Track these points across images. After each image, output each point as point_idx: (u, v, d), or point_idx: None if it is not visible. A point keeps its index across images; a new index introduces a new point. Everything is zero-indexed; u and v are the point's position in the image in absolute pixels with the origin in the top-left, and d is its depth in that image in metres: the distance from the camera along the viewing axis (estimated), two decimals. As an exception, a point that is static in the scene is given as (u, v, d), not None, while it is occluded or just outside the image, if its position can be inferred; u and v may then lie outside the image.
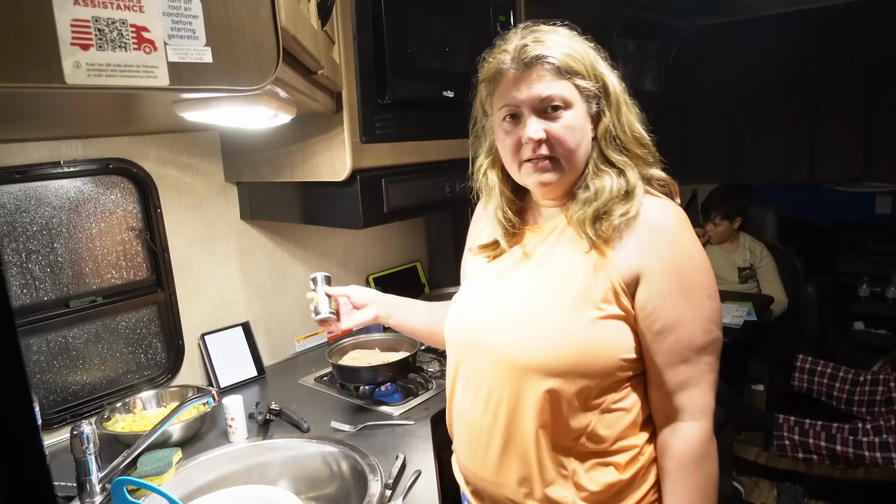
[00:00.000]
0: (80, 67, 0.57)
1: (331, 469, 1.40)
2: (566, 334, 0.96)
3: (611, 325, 0.96)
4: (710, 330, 0.97)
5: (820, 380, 2.75)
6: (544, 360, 0.96)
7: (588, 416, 0.98)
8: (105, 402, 1.59)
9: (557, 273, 1.00)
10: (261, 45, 0.71)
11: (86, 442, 1.23)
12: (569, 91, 0.97)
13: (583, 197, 1.00)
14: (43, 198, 1.52)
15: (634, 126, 1.01)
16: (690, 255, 0.97)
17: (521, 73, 0.97)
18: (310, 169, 1.55)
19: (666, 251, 0.95)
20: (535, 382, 0.97)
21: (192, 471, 1.37)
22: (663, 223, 0.96)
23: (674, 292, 0.94)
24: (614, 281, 0.95)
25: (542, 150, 0.97)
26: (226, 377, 1.80)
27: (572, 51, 0.97)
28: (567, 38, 0.99)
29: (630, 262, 0.95)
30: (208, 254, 1.82)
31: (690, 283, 0.96)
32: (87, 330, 1.60)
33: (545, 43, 0.96)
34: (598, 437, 0.99)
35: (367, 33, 1.46)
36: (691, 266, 0.96)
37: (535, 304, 1.00)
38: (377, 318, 1.27)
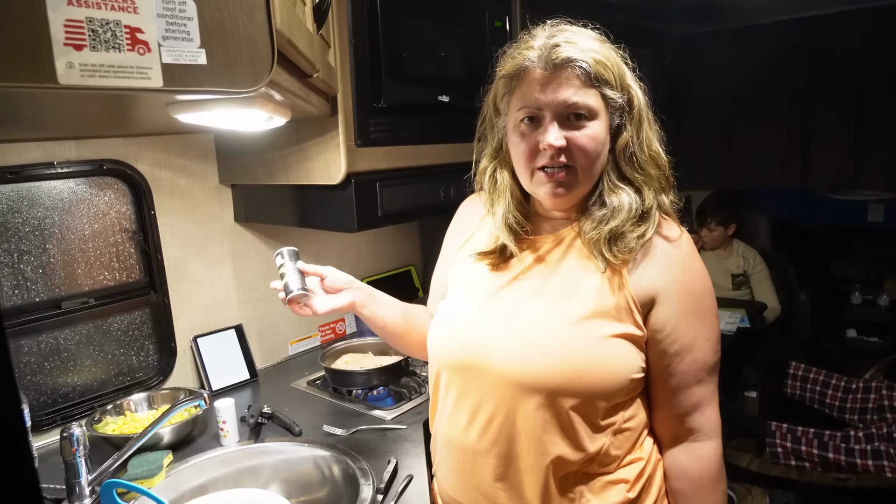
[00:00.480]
0: (73, 68, 0.56)
1: (322, 473, 1.39)
2: (578, 354, 0.90)
3: (621, 344, 0.93)
4: (718, 350, 0.99)
5: (812, 387, 2.76)
6: (556, 381, 0.90)
7: (601, 437, 0.94)
8: (96, 405, 1.58)
9: (568, 289, 0.95)
10: (255, 47, 0.71)
11: (76, 444, 1.22)
12: (596, 100, 0.92)
13: (598, 214, 0.95)
14: (36, 198, 1.51)
15: (653, 144, 0.98)
16: (702, 277, 0.98)
17: (548, 75, 0.91)
18: (304, 172, 1.55)
19: (680, 273, 0.95)
20: (545, 405, 0.91)
21: (182, 474, 1.36)
22: (679, 245, 0.97)
23: (690, 314, 0.95)
24: (629, 300, 0.93)
25: (560, 158, 0.91)
26: (218, 380, 1.79)
27: (605, 58, 0.92)
28: (599, 44, 0.94)
29: (645, 284, 0.94)
30: (202, 256, 1.82)
31: (703, 304, 0.97)
32: (79, 331, 1.59)
33: (577, 45, 0.90)
34: (610, 458, 0.96)
35: (363, 37, 1.47)
36: (703, 288, 0.97)
37: (543, 321, 0.94)
38: (353, 304, 1.12)
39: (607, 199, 0.95)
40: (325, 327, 2.17)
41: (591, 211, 0.97)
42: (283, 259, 1.11)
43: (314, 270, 1.12)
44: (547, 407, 0.91)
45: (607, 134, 0.95)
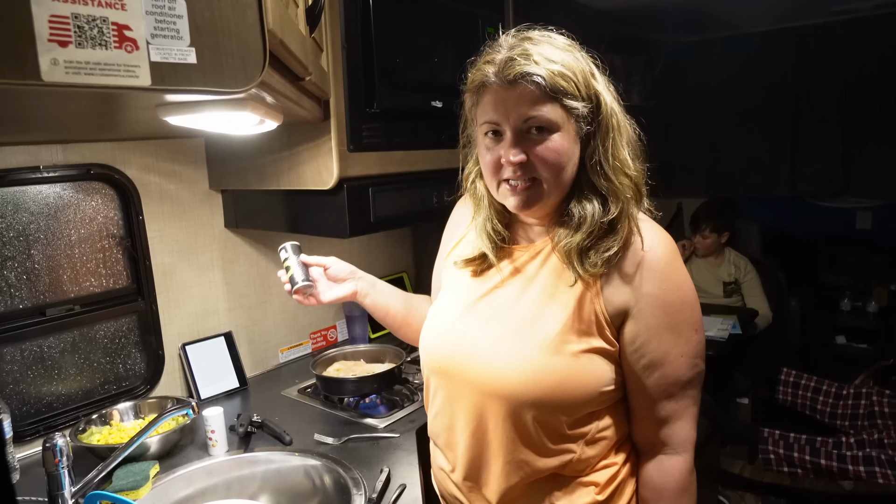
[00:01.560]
0: (57, 65, 0.55)
1: (313, 483, 1.37)
2: (547, 365, 0.92)
3: (592, 358, 0.93)
4: (696, 364, 0.95)
5: (804, 393, 2.76)
6: (524, 389, 0.92)
7: (571, 447, 0.96)
8: (81, 414, 1.54)
9: (543, 300, 0.96)
10: (247, 47, 0.70)
11: (59, 455, 1.18)
12: (555, 113, 0.89)
13: (570, 223, 0.95)
14: (21, 203, 1.48)
15: (620, 153, 0.94)
16: (679, 290, 0.94)
17: (504, 91, 0.90)
18: (296, 177, 1.53)
19: (655, 287, 0.92)
20: (511, 415, 0.93)
21: (169, 485, 1.33)
22: (654, 257, 0.92)
23: (662, 329, 0.92)
24: (600, 314, 0.93)
25: (522, 172, 0.91)
26: (207, 388, 1.76)
27: (564, 66, 0.89)
28: (560, 51, 0.91)
29: (618, 298, 0.93)
30: (191, 262, 1.79)
31: (679, 318, 0.93)
32: (64, 339, 1.56)
33: (532, 57, 0.88)
34: (582, 464, 0.98)
35: (356, 42, 1.46)
36: (680, 301, 0.93)
37: (518, 330, 0.96)
38: (356, 293, 1.19)
39: (574, 210, 0.94)
40: (317, 334, 2.15)
41: (563, 221, 0.97)
42: (287, 253, 1.18)
43: (317, 262, 1.19)
44: (514, 417, 0.94)
45: (574, 143, 0.92)
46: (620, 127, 0.94)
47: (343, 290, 1.18)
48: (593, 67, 0.94)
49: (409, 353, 1.83)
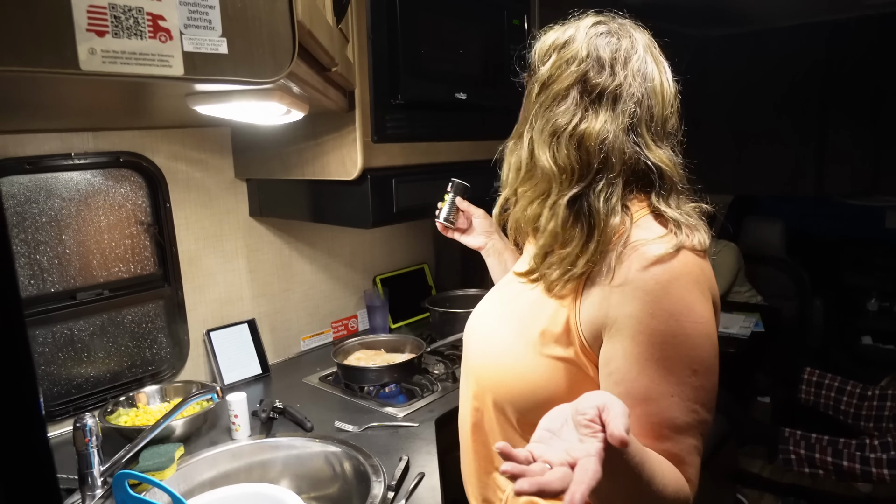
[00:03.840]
0: (95, 54, 0.56)
1: (333, 469, 1.39)
2: (514, 364, 0.90)
3: (562, 368, 0.86)
4: (694, 410, 0.79)
5: (827, 393, 2.72)
6: (494, 384, 0.93)
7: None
8: (109, 396, 1.58)
9: (532, 299, 0.92)
10: (277, 37, 0.71)
11: (88, 435, 1.22)
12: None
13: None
14: (53, 189, 1.52)
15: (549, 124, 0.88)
16: (673, 320, 0.77)
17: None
18: (320, 167, 1.55)
19: (640, 309, 0.78)
20: (488, 403, 0.96)
21: (194, 467, 1.36)
22: (645, 275, 0.78)
23: (645, 360, 0.78)
24: (573, 326, 0.85)
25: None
26: (230, 374, 1.80)
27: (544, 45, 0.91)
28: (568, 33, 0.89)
29: (595, 313, 0.82)
30: (216, 250, 1.82)
31: (669, 353, 0.77)
32: (93, 323, 1.60)
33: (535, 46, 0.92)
34: None
35: (382, 33, 1.46)
36: (672, 333, 0.77)
37: (503, 322, 0.96)
38: (483, 248, 1.32)
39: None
40: (338, 324, 2.17)
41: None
42: (450, 188, 1.33)
43: (466, 208, 1.33)
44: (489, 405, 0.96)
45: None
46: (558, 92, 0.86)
47: (474, 241, 1.32)
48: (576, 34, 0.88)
49: (429, 343, 1.85)
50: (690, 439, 0.79)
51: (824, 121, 3.32)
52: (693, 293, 0.78)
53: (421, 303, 2.23)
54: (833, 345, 3.56)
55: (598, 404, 0.62)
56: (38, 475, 0.39)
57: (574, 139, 0.83)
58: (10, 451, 0.37)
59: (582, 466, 0.58)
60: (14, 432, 0.37)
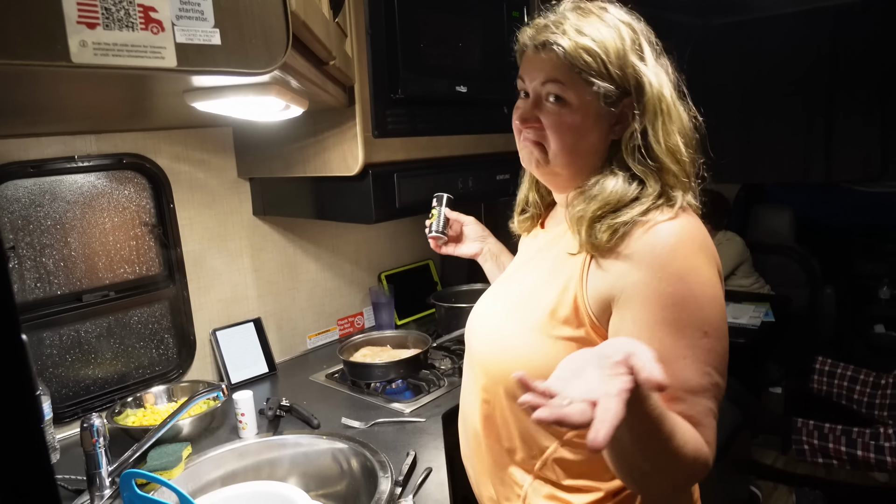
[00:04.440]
0: (86, 46, 0.56)
1: (341, 466, 1.39)
2: (525, 351, 0.90)
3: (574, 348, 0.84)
4: (707, 373, 0.79)
5: (840, 382, 2.70)
6: (505, 374, 0.89)
7: (548, 442, 0.92)
8: (116, 397, 1.59)
9: (544, 279, 0.93)
10: (270, 28, 0.70)
11: (96, 435, 1.22)
12: (574, 87, 0.86)
13: (586, 194, 0.90)
14: (57, 192, 1.52)
15: (672, 138, 0.87)
16: (682, 283, 0.79)
17: (532, 55, 0.90)
18: (321, 164, 1.54)
19: (648, 274, 0.79)
20: (493, 397, 0.95)
21: (201, 466, 1.36)
22: (653, 239, 0.80)
23: (655, 324, 0.79)
24: (581, 303, 0.85)
25: (531, 134, 0.92)
26: (237, 373, 1.80)
27: (595, 43, 0.84)
28: (603, 26, 0.86)
29: (602, 284, 0.84)
30: (220, 250, 1.82)
31: (679, 315, 0.78)
32: (100, 324, 1.61)
33: (564, 27, 0.86)
34: (556, 468, 0.92)
35: (380, 27, 1.45)
36: (681, 295, 0.78)
37: (507, 313, 0.96)
38: (479, 254, 1.30)
39: (594, 182, 0.90)
40: (344, 321, 2.17)
41: (581, 190, 0.91)
42: (437, 203, 1.33)
43: (456, 217, 1.31)
44: (501, 397, 0.94)
45: (597, 122, 0.88)
46: (671, 112, 0.89)
47: (468, 249, 1.30)
48: (643, 48, 0.89)
49: (435, 339, 1.84)
50: (705, 401, 0.79)
51: (832, 108, 3.29)
52: (699, 257, 0.81)
53: (426, 299, 2.22)
54: (845, 333, 3.53)
55: (625, 349, 0.61)
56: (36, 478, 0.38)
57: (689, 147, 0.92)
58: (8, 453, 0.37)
59: (604, 405, 0.57)
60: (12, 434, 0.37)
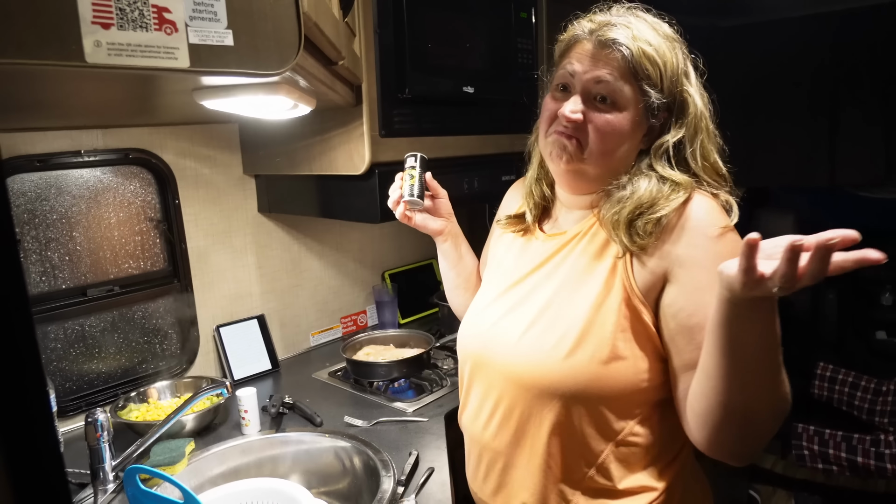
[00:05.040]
0: (100, 46, 0.56)
1: (343, 464, 1.39)
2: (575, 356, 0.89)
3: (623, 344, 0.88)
4: None
5: (841, 388, 2.70)
6: (552, 379, 0.89)
7: (602, 445, 0.91)
8: (120, 391, 1.59)
9: (572, 285, 0.93)
10: (282, 30, 0.71)
11: (100, 430, 1.23)
12: (628, 90, 0.90)
13: (618, 195, 0.91)
14: (63, 186, 1.52)
15: (711, 156, 0.95)
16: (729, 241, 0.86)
17: (592, 50, 0.91)
18: (328, 162, 1.55)
19: (703, 252, 0.85)
20: (546, 403, 0.91)
21: (204, 462, 1.36)
22: (693, 213, 0.86)
23: (705, 290, 0.82)
24: (631, 291, 0.88)
25: (571, 129, 0.92)
26: (240, 369, 1.80)
27: (655, 53, 0.89)
28: (660, 38, 0.91)
29: (652, 264, 0.87)
30: (225, 246, 1.82)
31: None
32: (104, 319, 1.61)
33: (631, 31, 0.89)
34: (609, 473, 0.92)
35: (388, 27, 1.45)
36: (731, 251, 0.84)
37: (544, 317, 0.94)
38: (442, 233, 1.23)
39: (628, 183, 0.92)
40: (347, 319, 2.17)
41: (611, 193, 0.93)
42: (415, 163, 1.17)
43: (435, 188, 1.21)
44: (548, 406, 0.91)
45: (637, 129, 0.92)
46: (709, 130, 0.96)
47: (435, 225, 1.22)
48: (689, 67, 0.95)
49: (437, 338, 1.84)
50: None
51: (836, 112, 3.28)
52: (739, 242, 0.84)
53: (429, 298, 2.22)
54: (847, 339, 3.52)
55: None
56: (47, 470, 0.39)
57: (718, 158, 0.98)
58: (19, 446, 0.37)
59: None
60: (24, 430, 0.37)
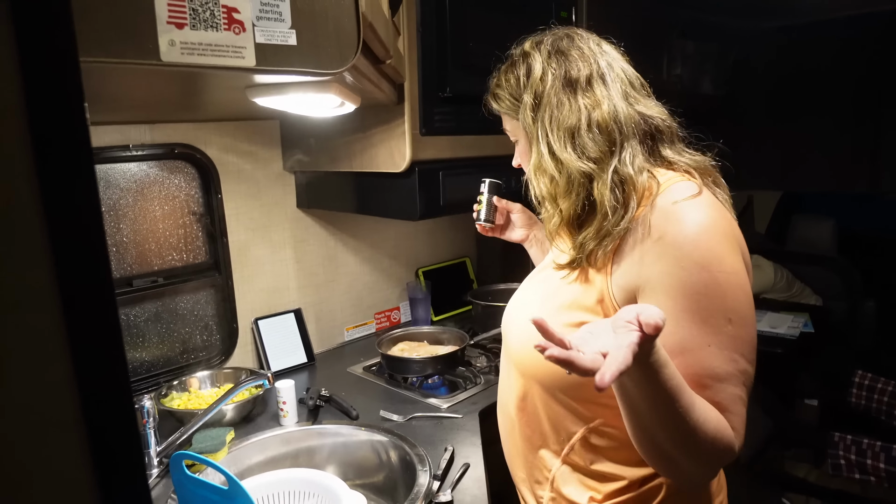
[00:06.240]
0: (174, 45, 0.58)
1: (379, 457, 1.41)
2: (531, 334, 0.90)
3: None
4: (734, 360, 0.80)
5: (880, 398, 2.63)
6: (536, 369, 0.95)
7: (575, 427, 0.95)
8: (162, 380, 1.63)
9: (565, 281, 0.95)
10: (342, 29, 0.72)
11: (146, 416, 1.27)
12: (510, 123, 1.04)
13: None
14: (111, 179, 1.57)
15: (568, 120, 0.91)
16: (705, 272, 0.79)
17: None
18: (368, 159, 1.56)
19: (671, 265, 0.80)
20: (523, 381, 1.00)
21: (244, 451, 1.40)
22: (673, 230, 0.81)
23: (679, 312, 0.79)
24: (606, 296, 0.87)
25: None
26: (277, 362, 1.83)
27: (499, 84, 1.03)
28: (508, 68, 1.03)
29: (626, 277, 0.85)
30: (264, 240, 1.86)
31: (703, 304, 0.79)
32: (148, 309, 1.66)
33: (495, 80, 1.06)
34: (584, 453, 0.95)
35: (431, 25, 1.47)
36: (704, 284, 0.79)
37: (539, 305, 0.99)
38: (525, 240, 1.35)
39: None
40: (381, 315, 2.19)
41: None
42: (484, 189, 1.35)
43: (504, 205, 1.35)
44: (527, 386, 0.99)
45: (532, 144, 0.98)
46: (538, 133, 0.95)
47: (515, 235, 1.36)
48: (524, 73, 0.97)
49: (471, 336, 1.85)
50: (732, 388, 0.80)
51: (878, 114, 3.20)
52: (722, 245, 0.81)
53: (463, 296, 2.23)
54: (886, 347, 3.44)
55: (637, 311, 0.64)
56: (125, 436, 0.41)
57: (593, 129, 0.89)
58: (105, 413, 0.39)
59: (613, 354, 0.62)
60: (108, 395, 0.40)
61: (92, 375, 0.38)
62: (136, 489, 0.42)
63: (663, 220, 0.82)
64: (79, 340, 0.37)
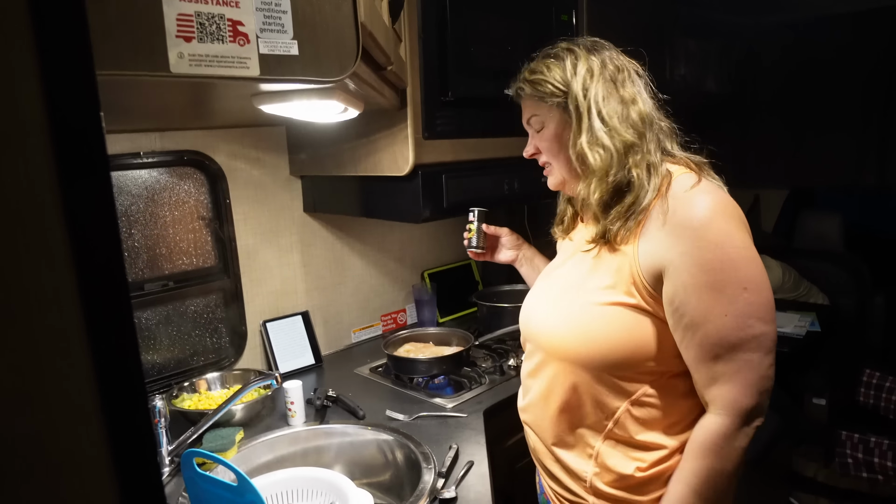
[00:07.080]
0: (183, 58, 0.61)
1: (385, 457, 1.43)
2: (566, 321, 1.03)
3: (620, 313, 0.98)
4: (749, 325, 0.91)
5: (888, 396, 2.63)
6: (557, 345, 1.04)
7: (616, 402, 1.01)
8: (173, 382, 1.67)
9: (590, 263, 1.04)
10: (342, 39, 0.75)
11: (158, 416, 1.30)
12: (539, 110, 1.09)
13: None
14: (123, 186, 1.61)
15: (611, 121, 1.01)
16: (720, 249, 0.91)
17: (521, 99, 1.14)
18: (373, 164, 1.59)
19: (689, 245, 0.92)
20: (561, 367, 1.05)
21: (252, 450, 1.43)
22: (687, 215, 0.93)
23: (700, 287, 0.91)
24: (636, 275, 0.97)
25: (538, 160, 1.15)
26: (285, 363, 1.86)
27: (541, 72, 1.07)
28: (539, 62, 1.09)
29: (652, 257, 0.95)
30: (272, 244, 1.89)
31: (720, 277, 0.91)
32: (159, 312, 1.69)
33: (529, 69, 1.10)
34: (627, 425, 1.02)
35: (432, 31, 1.50)
36: (719, 260, 0.91)
37: (559, 299, 1.08)
38: (515, 261, 1.45)
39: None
40: (387, 317, 2.22)
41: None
42: (473, 217, 1.44)
43: (493, 231, 1.45)
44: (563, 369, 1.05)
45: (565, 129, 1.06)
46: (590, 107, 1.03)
47: (506, 256, 1.46)
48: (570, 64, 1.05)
49: (477, 337, 1.88)
50: (745, 354, 0.92)
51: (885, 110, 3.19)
52: (731, 224, 0.93)
53: (468, 298, 2.26)
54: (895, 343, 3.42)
55: None
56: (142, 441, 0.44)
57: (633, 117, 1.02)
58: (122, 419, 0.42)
59: None
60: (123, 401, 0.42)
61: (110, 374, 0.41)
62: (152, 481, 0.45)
63: (679, 206, 0.94)
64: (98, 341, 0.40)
